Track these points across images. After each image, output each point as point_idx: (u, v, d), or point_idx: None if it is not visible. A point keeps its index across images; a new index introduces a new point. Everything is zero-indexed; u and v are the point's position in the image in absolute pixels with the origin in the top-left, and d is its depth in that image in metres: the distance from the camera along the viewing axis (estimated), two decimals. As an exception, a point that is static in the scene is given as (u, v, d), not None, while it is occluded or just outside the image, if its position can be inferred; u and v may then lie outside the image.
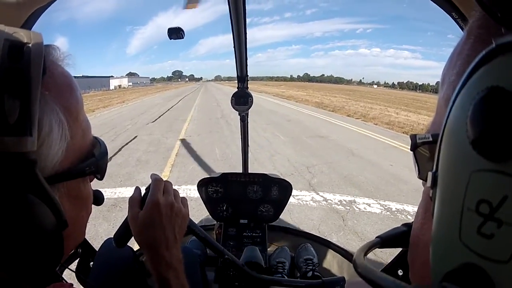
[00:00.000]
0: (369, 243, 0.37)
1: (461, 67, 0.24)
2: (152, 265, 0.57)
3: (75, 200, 0.40)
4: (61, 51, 0.39)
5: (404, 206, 4.00)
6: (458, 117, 0.19)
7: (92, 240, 1.08)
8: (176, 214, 0.61)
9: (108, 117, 13.93)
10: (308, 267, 1.23)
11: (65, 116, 0.36)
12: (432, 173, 0.22)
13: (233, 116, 10.07)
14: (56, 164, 0.36)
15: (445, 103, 0.25)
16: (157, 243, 0.58)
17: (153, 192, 0.61)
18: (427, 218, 0.27)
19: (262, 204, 1.41)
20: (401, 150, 7.44)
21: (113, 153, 6.65)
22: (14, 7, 0.65)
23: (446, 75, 0.27)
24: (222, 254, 0.85)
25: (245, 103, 1.39)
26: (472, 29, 0.25)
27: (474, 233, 0.17)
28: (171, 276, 0.56)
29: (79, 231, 0.45)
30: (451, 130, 0.20)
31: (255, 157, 6.14)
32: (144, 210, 0.59)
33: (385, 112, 17.78)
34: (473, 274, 0.17)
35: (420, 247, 0.28)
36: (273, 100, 25.35)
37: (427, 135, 0.27)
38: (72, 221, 0.39)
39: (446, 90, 0.26)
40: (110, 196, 4.14)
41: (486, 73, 0.17)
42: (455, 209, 0.18)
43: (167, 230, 0.58)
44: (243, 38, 1.16)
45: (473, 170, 0.17)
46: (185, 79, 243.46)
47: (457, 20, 0.65)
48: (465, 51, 0.25)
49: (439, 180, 0.21)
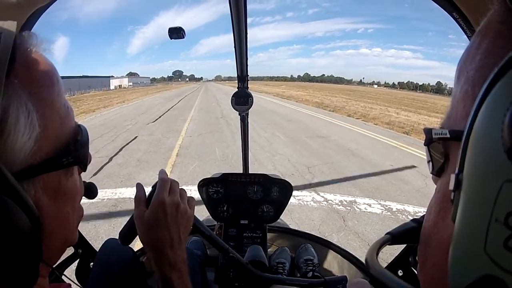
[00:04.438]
0: (380, 240, 0.36)
1: (481, 61, 0.24)
2: (156, 265, 0.57)
3: (55, 195, 0.38)
4: (39, 37, 0.37)
5: (404, 206, 4.00)
6: (490, 120, 0.18)
7: (93, 241, 1.07)
8: (182, 215, 0.61)
9: (108, 117, 13.93)
10: (308, 268, 1.23)
11: (36, 104, 0.34)
12: (455, 175, 0.20)
13: (233, 116, 10.07)
14: (27, 156, 0.33)
15: (463, 98, 0.25)
16: (162, 243, 0.57)
17: (159, 191, 0.60)
18: (440, 217, 0.26)
19: (262, 204, 1.41)
20: (401, 150, 7.44)
21: (114, 153, 6.65)
22: (14, 7, 0.65)
23: (462, 69, 0.27)
24: (227, 252, 0.86)
25: (245, 103, 1.39)
26: (491, 23, 0.24)
27: (500, 246, 0.16)
28: (174, 276, 0.56)
29: (64, 228, 0.41)
30: (481, 133, 0.18)
31: (256, 157, 6.14)
32: (149, 209, 0.59)
33: (385, 112, 17.78)
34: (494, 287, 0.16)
35: (432, 246, 0.27)
36: (273, 100, 25.35)
37: (443, 130, 0.26)
38: (53, 216, 0.37)
39: (464, 84, 0.25)
40: (111, 197, 4.14)
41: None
42: (482, 218, 0.17)
43: (172, 230, 0.58)
44: (244, 38, 1.16)
45: (506, 179, 0.16)
46: (186, 79, 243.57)
47: (458, 20, 0.65)
48: (484, 45, 0.24)
49: (464, 183, 0.19)
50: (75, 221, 0.44)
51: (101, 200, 4.02)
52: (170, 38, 1.14)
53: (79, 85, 60.69)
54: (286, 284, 0.97)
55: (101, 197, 4.11)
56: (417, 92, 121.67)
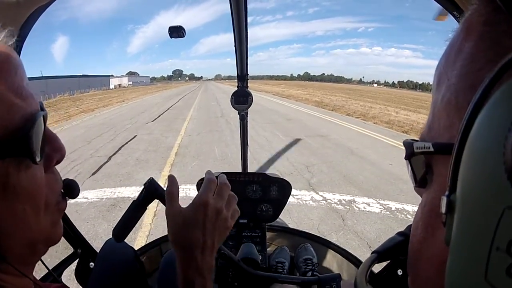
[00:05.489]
0: (367, 261, 0.35)
1: (463, 68, 0.22)
2: (181, 266, 0.54)
3: (3, 190, 0.33)
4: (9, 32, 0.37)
5: (403, 205, 4.01)
6: (488, 135, 0.16)
7: (92, 240, 1.07)
8: (222, 221, 0.57)
9: (108, 116, 13.92)
10: (308, 267, 1.23)
11: None
12: (446, 197, 0.19)
13: (232, 115, 10.07)
14: None
15: (445, 108, 0.24)
16: (194, 245, 0.54)
17: (203, 191, 0.57)
18: (429, 234, 0.25)
19: (261, 203, 1.41)
20: (401, 149, 7.42)
21: (113, 152, 6.65)
22: (14, 6, 0.65)
23: (442, 74, 0.25)
24: (219, 249, 0.85)
25: (245, 102, 1.39)
26: (473, 24, 0.23)
27: (503, 274, 0.15)
28: (198, 282, 0.53)
29: (22, 227, 0.36)
30: (477, 151, 0.17)
31: (255, 156, 6.14)
32: (189, 208, 0.55)
33: (385, 111, 17.77)
34: None
35: (422, 262, 0.26)
36: (273, 99, 25.33)
37: (426, 144, 0.25)
38: (3, 216, 0.34)
39: (446, 92, 0.24)
40: (110, 196, 4.14)
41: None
42: (482, 246, 0.16)
43: (207, 234, 0.55)
44: (244, 37, 1.16)
45: (508, 205, 0.15)
46: (185, 78, 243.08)
47: (459, 19, 0.65)
48: (466, 49, 0.22)
49: (458, 206, 0.18)
50: (44, 218, 0.39)
51: (100, 199, 4.01)
52: (170, 37, 1.14)
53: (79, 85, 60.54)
54: (279, 282, 0.97)
55: (100, 196, 4.11)
56: (417, 91, 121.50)
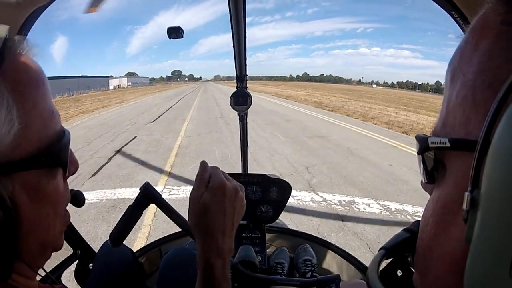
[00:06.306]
0: (376, 257, 0.35)
1: (482, 65, 0.22)
2: (202, 249, 0.54)
3: (34, 194, 0.38)
4: (30, 42, 0.39)
5: (403, 206, 4.01)
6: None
7: (91, 242, 1.07)
8: (239, 200, 0.59)
9: (107, 117, 13.91)
10: (307, 268, 1.23)
11: (17, 101, 0.35)
12: (468, 193, 0.19)
13: (232, 116, 10.05)
14: (7, 151, 0.34)
15: (461, 103, 0.23)
16: (215, 228, 0.54)
17: (216, 176, 0.57)
18: (441, 229, 0.25)
19: (261, 204, 1.41)
20: (400, 150, 7.45)
21: (113, 153, 6.65)
22: (14, 7, 0.65)
23: (457, 70, 0.25)
24: None
25: (244, 103, 1.39)
26: (490, 23, 0.23)
27: None
28: (218, 264, 0.54)
29: (43, 230, 0.41)
30: (506, 149, 0.17)
31: (254, 157, 6.14)
32: (208, 191, 0.55)
33: (384, 112, 17.80)
34: None
35: (433, 259, 0.26)
36: (272, 99, 25.36)
37: (442, 139, 0.24)
38: (31, 216, 0.37)
39: (462, 88, 0.24)
40: (110, 197, 4.14)
41: None
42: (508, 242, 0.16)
43: (227, 216, 0.56)
44: (243, 38, 1.16)
45: None
46: (184, 79, 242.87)
47: (457, 19, 0.65)
48: (483, 46, 0.23)
49: (482, 203, 0.18)
50: (57, 225, 0.43)
51: (100, 200, 4.02)
52: (169, 37, 1.14)
53: (78, 85, 60.37)
54: (278, 284, 0.96)
55: (100, 198, 4.11)
56: (416, 92, 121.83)
